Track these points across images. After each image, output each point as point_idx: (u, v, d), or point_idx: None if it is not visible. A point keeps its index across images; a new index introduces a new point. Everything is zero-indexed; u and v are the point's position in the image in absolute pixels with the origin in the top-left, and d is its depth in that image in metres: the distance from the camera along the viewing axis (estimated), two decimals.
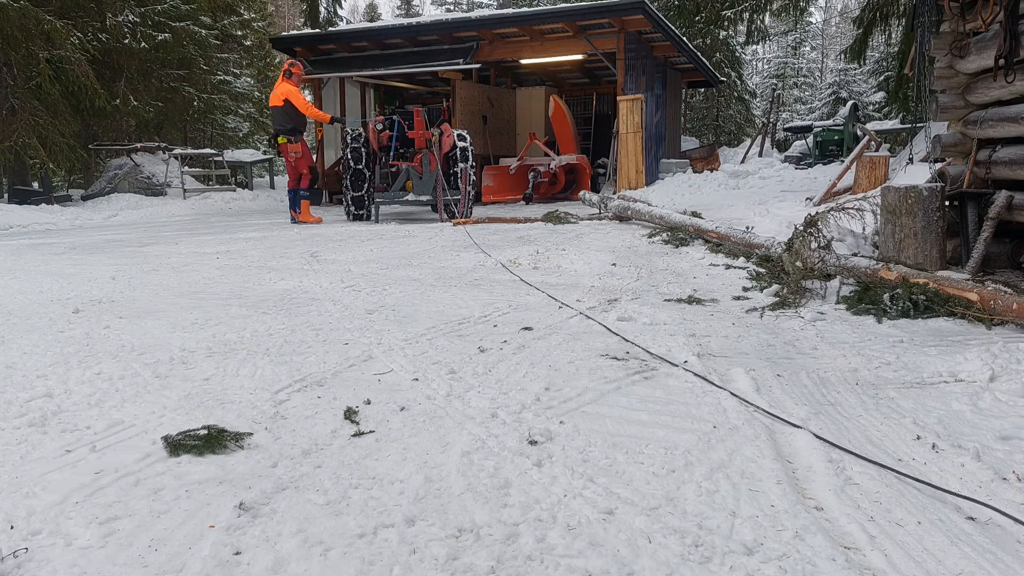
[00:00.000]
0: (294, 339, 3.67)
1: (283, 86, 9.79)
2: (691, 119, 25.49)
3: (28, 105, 12.60)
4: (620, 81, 12.34)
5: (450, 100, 13.23)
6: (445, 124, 10.09)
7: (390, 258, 6.47)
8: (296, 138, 9.82)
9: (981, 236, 4.57)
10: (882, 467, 2.13)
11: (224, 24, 18.64)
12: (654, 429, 2.44)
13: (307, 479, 2.12)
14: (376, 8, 45.33)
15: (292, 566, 1.68)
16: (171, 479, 2.12)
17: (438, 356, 3.34)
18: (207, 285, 5.25)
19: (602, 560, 1.68)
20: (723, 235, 6.12)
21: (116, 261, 6.54)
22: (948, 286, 3.84)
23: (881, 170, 8.70)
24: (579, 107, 16.92)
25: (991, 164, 4.89)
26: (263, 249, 7.25)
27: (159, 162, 15.32)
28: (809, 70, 35.05)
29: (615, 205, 8.58)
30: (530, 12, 15.62)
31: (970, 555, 1.69)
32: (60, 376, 3.08)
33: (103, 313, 4.32)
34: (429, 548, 1.74)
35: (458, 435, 2.42)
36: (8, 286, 5.24)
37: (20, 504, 1.97)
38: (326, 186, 14.81)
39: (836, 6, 46.17)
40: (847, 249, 5.04)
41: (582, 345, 3.49)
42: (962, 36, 4.98)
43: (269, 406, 2.71)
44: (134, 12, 14.21)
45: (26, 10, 11.78)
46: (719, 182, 12.16)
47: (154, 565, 1.69)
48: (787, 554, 1.70)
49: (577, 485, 2.05)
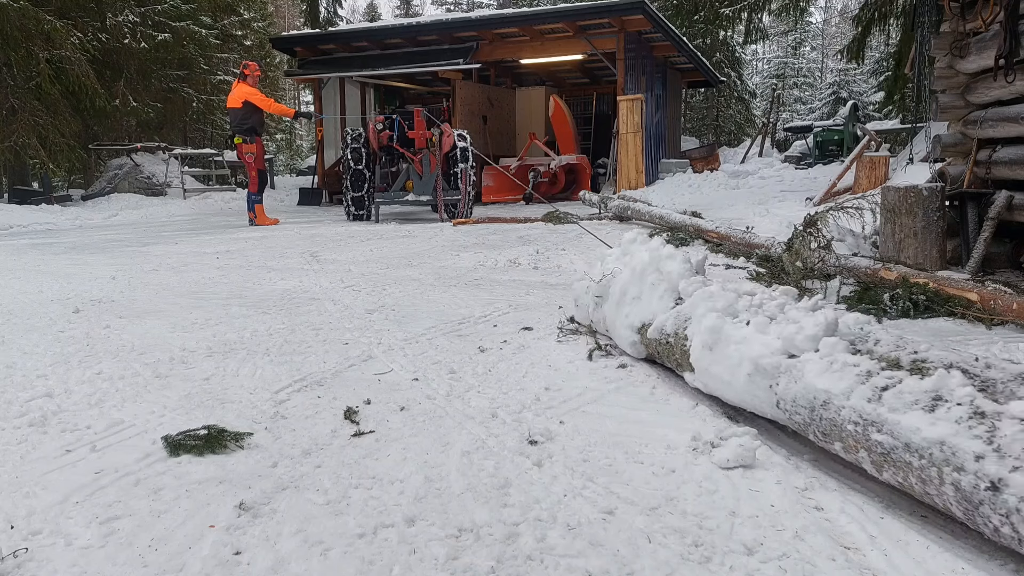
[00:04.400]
0: (294, 339, 3.68)
1: (240, 88, 9.61)
2: (691, 119, 25.50)
3: (28, 105, 12.61)
4: (620, 81, 12.34)
5: (450, 100, 13.23)
6: (445, 124, 10.09)
7: (390, 258, 6.47)
8: (251, 139, 9.70)
9: (981, 236, 4.57)
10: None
11: (224, 24, 18.64)
12: (654, 429, 2.44)
13: (307, 479, 2.12)
14: (376, 8, 45.35)
15: (292, 566, 1.68)
16: (171, 479, 2.12)
17: (438, 356, 3.34)
18: (207, 285, 5.25)
19: (602, 560, 1.68)
20: (723, 235, 6.12)
21: (116, 261, 6.54)
22: (948, 286, 3.84)
23: (881, 170, 8.71)
24: (579, 107, 16.91)
25: (991, 164, 4.89)
26: (263, 249, 7.25)
27: (159, 162, 15.32)
28: (809, 70, 35.06)
29: (615, 205, 8.58)
30: (530, 12, 15.62)
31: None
32: (60, 376, 3.08)
33: (103, 313, 4.32)
34: (429, 548, 1.74)
35: (458, 435, 2.42)
36: (8, 286, 5.25)
37: (20, 504, 1.97)
38: (326, 186, 14.81)
39: (836, 6, 46.19)
40: (847, 249, 5.04)
41: (582, 345, 3.49)
42: (962, 36, 4.98)
43: (269, 406, 2.71)
44: (134, 12, 14.21)
45: (26, 10, 11.78)
46: (719, 182, 12.16)
47: (154, 565, 1.69)
48: (787, 554, 1.70)
49: (577, 485, 2.05)
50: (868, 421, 1.87)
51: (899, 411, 1.80)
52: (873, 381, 1.94)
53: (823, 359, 2.12)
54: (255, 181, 9.91)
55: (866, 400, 1.90)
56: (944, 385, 1.80)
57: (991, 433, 1.60)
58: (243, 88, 9.61)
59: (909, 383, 1.86)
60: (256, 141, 9.79)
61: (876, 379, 1.94)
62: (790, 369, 2.18)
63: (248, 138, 9.68)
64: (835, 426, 1.97)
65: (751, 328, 2.43)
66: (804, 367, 2.14)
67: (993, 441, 1.58)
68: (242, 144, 9.69)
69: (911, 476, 1.74)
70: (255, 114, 9.76)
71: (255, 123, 9.80)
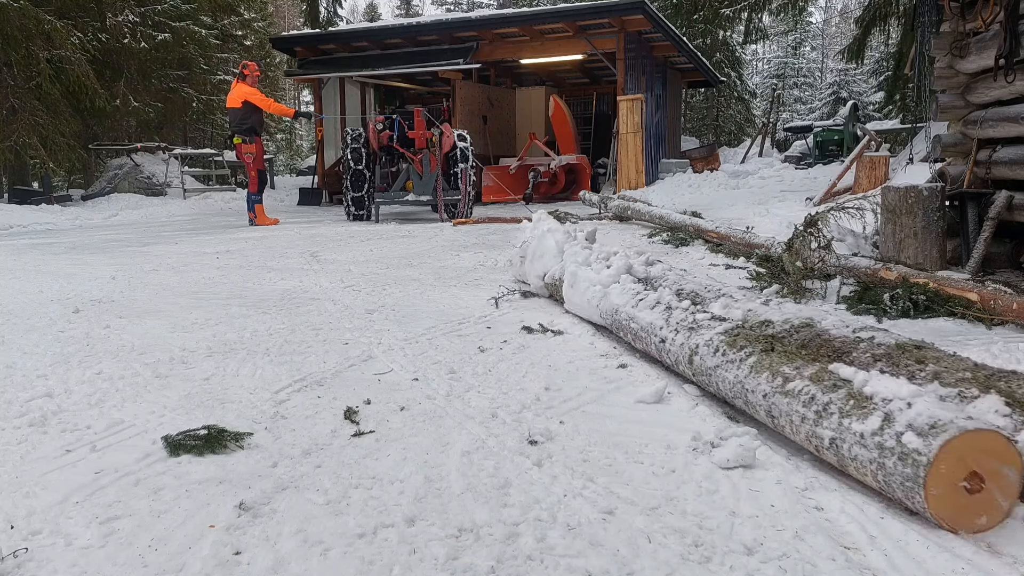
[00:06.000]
0: (294, 339, 3.68)
1: (240, 88, 9.61)
2: (691, 119, 25.50)
3: (28, 105, 12.61)
4: (620, 81, 12.34)
5: (450, 100, 13.23)
6: (445, 124, 10.09)
7: (390, 258, 6.47)
8: (251, 139, 9.70)
9: (981, 236, 4.57)
10: None
11: (224, 24, 18.64)
12: (654, 428, 2.44)
13: (307, 479, 2.12)
14: (376, 8, 45.35)
15: (292, 566, 1.68)
16: (171, 479, 2.12)
17: (438, 356, 3.34)
18: (207, 285, 5.25)
19: (602, 560, 1.68)
20: (723, 235, 6.12)
21: (116, 261, 6.54)
22: (948, 286, 3.84)
23: (881, 170, 8.71)
24: (579, 107, 16.92)
25: (991, 164, 4.89)
26: (263, 249, 7.25)
27: (159, 162, 15.32)
28: (809, 70, 35.07)
29: (615, 205, 8.58)
30: (530, 12, 15.64)
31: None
32: (60, 376, 3.08)
33: (103, 313, 4.32)
34: (429, 548, 1.74)
35: (458, 435, 2.42)
36: (8, 286, 5.25)
37: (20, 504, 1.97)
38: (326, 186, 14.81)
39: (836, 6, 46.20)
40: (847, 249, 5.04)
41: (582, 345, 3.49)
42: (962, 36, 4.98)
43: (269, 406, 2.71)
44: (134, 12, 14.21)
45: (26, 10, 11.79)
46: (719, 182, 12.16)
47: (154, 565, 1.69)
48: (787, 554, 1.70)
49: (577, 485, 2.05)
50: (630, 317, 3.33)
51: (642, 311, 3.27)
52: (637, 298, 3.40)
53: (621, 286, 3.59)
54: (255, 181, 9.90)
55: (631, 307, 3.36)
56: (662, 297, 3.28)
57: (667, 317, 3.08)
58: (243, 88, 9.60)
59: (649, 297, 3.34)
60: (256, 141, 9.78)
61: (638, 296, 3.41)
62: (606, 294, 3.62)
63: (248, 138, 9.67)
64: (620, 323, 3.43)
65: (591, 271, 3.90)
66: (609, 291, 3.62)
67: (669, 321, 3.05)
68: (242, 144, 9.67)
69: (642, 341, 3.21)
70: (255, 114, 9.75)
71: (255, 123, 9.79)
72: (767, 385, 2.29)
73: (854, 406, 1.96)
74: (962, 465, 1.71)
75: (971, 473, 1.71)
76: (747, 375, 2.39)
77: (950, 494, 1.71)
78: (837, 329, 2.52)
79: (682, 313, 3.01)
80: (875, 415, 1.88)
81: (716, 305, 2.98)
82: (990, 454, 1.71)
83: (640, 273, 3.70)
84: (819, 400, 2.06)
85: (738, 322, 2.76)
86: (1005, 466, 1.72)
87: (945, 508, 1.72)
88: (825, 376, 2.12)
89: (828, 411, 2.01)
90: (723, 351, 2.57)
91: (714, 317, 2.88)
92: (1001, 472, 1.72)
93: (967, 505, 1.72)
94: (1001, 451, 1.72)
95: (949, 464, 1.70)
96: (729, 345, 2.57)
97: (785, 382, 2.22)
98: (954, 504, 1.72)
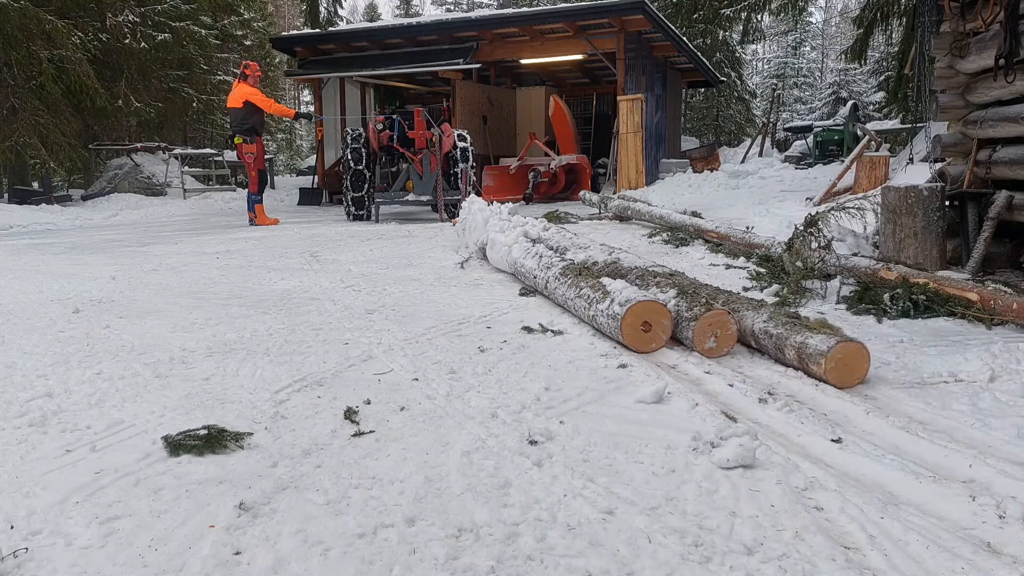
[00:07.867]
0: (294, 339, 3.68)
1: (241, 88, 9.59)
2: (691, 119, 25.50)
3: (29, 105, 12.61)
4: (620, 81, 12.34)
5: (450, 100, 13.23)
6: (445, 124, 10.09)
7: (390, 258, 6.47)
8: (251, 139, 9.68)
9: (981, 236, 4.57)
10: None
11: (224, 24, 18.64)
12: (654, 428, 2.44)
13: (307, 479, 2.12)
14: (376, 8, 45.32)
15: (292, 566, 1.69)
16: (171, 479, 2.13)
17: (438, 356, 3.34)
18: (207, 285, 5.25)
19: (602, 560, 1.68)
20: (723, 235, 6.12)
21: (116, 261, 6.54)
22: (948, 286, 3.84)
23: (881, 170, 8.70)
24: (579, 107, 16.91)
25: (991, 164, 4.89)
26: (263, 249, 7.25)
27: (159, 162, 15.32)
28: (809, 70, 35.07)
29: (615, 205, 8.58)
30: (530, 12, 15.64)
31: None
32: (60, 376, 3.08)
33: (103, 313, 4.32)
34: (429, 548, 1.74)
35: (458, 435, 2.42)
36: (8, 286, 5.25)
37: (20, 504, 1.97)
38: (326, 186, 14.81)
39: (836, 6, 46.19)
40: (847, 249, 5.04)
41: (582, 345, 3.49)
42: (962, 36, 4.98)
43: (269, 406, 2.72)
44: (134, 12, 14.21)
45: (27, 10, 11.79)
46: (719, 182, 12.15)
47: (154, 565, 1.70)
48: (787, 554, 1.70)
49: (577, 485, 2.05)
50: (521, 265, 4.90)
51: (527, 260, 4.85)
52: (528, 251, 4.96)
53: (519, 245, 5.17)
54: (255, 181, 9.90)
55: (524, 258, 4.91)
56: (537, 249, 4.91)
57: (538, 262, 4.68)
58: (244, 88, 9.59)
59: (534, 249, 4.95)
60: (256, 141, 9.77)
61: (529, 250, 4.99)
62: (511, 251, 5.17)
63: (248, 138, 9.67)
64: (518, 269, 4.98)
65: (503, 236, 5.43)
66: (512, 249, 5.18)
67: (539, 264, 4.64)
68: (242, 144, 9.67)
69: (528, 279, 4.76)
70: (255, 114, 9.75)
71: (255, 123, 9.79)
72: (572, 292, 3.98)
73: (601, 296, 3.61)
74: (639, 318, 3.32)
75: (644, 322, 3.32)
76: (565, 289, 4.08)
77: (634, 333, 3.32)
78: (628, 263, 4.34)
79: (548, 259, 4.62)
80: (607, 299, 3.53)
81: (571, 253, 4.69)
82: (654, 312, 3.33)
83: (534, 236, 5.41)
84: (591, 296, 3.71)
85: (578, 263, 4.40)
86: (663, 318, 3.34)
87: (632, 339, 3.33)
88: (597, 285, 3.75)
89: (592, 300, 3.68)
90: (558, 277, 4.26)
91: (564, 260, 4.50)
92: (660, 321, 3.33)
93: (644, 338, 3.32)
94: (659, 310, 3.35)
95: (632, 318, 3.32)
96: (562, 273, 4.27)
97: (579, 290, 3.89)
98: (636, 338, 3.32)
